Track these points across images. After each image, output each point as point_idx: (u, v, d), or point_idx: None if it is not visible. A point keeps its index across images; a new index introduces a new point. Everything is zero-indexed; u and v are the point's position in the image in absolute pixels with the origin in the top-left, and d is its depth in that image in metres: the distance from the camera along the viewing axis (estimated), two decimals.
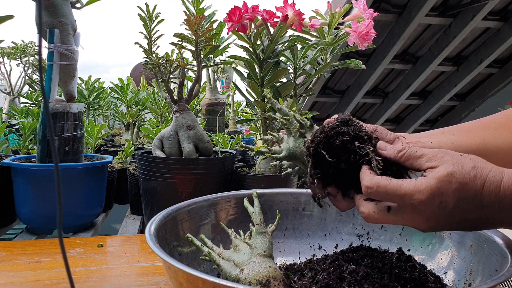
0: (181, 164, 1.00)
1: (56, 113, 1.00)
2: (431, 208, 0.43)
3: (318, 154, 0.49)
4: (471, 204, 0.43)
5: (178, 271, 0.44)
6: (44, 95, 0.33)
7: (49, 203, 0.97)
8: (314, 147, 0.49)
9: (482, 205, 0.42)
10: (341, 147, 0.48)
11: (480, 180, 0.42)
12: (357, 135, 0.48)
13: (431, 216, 0.43)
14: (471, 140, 0.58)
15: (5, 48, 2.18)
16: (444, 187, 0.42)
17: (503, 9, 3.16)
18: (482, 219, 0.44)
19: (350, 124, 0.50)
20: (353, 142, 0.48)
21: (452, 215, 0.43)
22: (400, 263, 0.53)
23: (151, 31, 1.05)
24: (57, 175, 0.34)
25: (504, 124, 0.58)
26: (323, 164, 0.50)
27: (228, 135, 1.43)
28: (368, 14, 0.93)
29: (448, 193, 0.42)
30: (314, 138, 0.50)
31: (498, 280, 0.42)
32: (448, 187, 0.42)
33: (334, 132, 0.49)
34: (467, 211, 0.43)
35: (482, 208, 0.43)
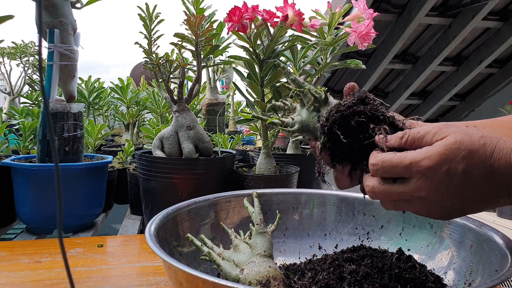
0: (181, 164, 1.00)
1: (56, 113, 1.00)
2: (439, 175, 0.42)
3: (332, 133, 0.48)
4: (481, 169, 0.41)
5: (178, 271, 0.44)
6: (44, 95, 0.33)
7: (49, 203, 0.97)
8: (329, 126, 0.48)
9: (491, 170, 0.41)
10: (356, 127, 0.47)
11: (490, 147, 0.42)
12: (374, 114, 0.47)
13: (439, 183, 0.42)
14: None
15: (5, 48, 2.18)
16: (452, 154, 0.41)
17: (503, 9, 3.16)
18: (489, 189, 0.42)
19: (367, 102, 0.49)
20: (369, 123, 0.47)
21: (461, 183, 0.42)
22: (400, 263, 0.53)
23: (151, 31, 1.05)
24: (57, 175, 0.34)
25: None
26: (335, 141, 0.49)
27: (228, 135, 1.43)
28: (368, 14, 0.93)
29: (456, 159, 0.41)
30: (329, 116, 0.49)
31: (498, 280, 0.42)
32: (457, 153, 0.41)
33: (350, 112, 0.48)
34: (476, 177, 0.41)
35: (492, 174, 0.41)
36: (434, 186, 0.42)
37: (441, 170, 0.41)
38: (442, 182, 0.42)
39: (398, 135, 0.46)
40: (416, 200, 0.44)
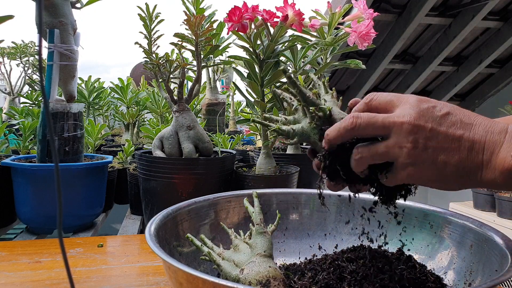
0: (181, 164, 1.00)
1: (56, 113, 1.00)
2: (426, 105, 0.44)
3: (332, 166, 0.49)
4: (464, 117, 0.44)
5: (178, 271, 0.44)
6: (44, 95, 0.33)
7: (49, 203, 0.97)
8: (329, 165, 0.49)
9: (473, 122, 0.43)
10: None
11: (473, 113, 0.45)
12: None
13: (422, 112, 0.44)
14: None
15: (5, 48, 2.18)
16: (442, 101, 0.45)
17: (503, 9, 3.16)
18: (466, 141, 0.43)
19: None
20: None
21: (441, 121, 0.43)
22: (400, 263, 0.53)
23: (151, 31, 1.05)
24: (57, 175, 0.34)
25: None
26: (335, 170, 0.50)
27: (228, 135, 1.43)
28: (368, 14, 0.93)
29: (445, 103, 0.45)
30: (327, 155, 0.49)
31: (498, 280, 0.42)
32: (446, 102, 0.45)
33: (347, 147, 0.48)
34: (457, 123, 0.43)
35: (472, 126, 0.43)
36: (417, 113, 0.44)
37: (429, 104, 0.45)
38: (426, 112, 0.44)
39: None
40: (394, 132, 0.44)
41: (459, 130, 0.43)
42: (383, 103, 0.47)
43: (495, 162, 0.42)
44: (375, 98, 0.48)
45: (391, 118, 0.44)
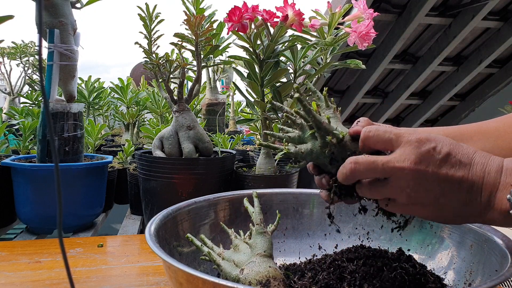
0: (181, 164, 1.00)
1: (56, 113, 1.00)
2: (426, 148, 0.44)
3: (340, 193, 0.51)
4: (463, 156, 0.44)
5: (178, 271, 0.44)
6: (44, 95, 0.33)
7: (49, 203, 0.97)
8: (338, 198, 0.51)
9: (472, 162, 0.43)
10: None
11: (472, 148, 0.45)
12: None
13: (423, 156, 0.43)
14: None
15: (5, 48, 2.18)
16: (441, 137, 0.45)
17: (503, 9, 3.16)
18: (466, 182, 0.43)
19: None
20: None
21: (442, 164, 0.43)
22: (400, 263, 0.53)
23: (151, 31, 1.05)
24: (57, 175, 0.34)
25: (505, 135, 0.59)
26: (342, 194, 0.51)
27: (228, 135, 1.43)
28: (368, 14, 0.93)
29: (444, 141, 0.44)
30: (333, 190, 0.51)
31: (498, 280, 0.42)
32: (445, 138, 0.45)
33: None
34: (457, 163, 0.43)
35: (471, 166, 0.43)
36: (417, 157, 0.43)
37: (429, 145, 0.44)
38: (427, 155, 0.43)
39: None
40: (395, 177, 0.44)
41: (458, 171, 0.43)
42: (381, 143, 0.46)
43: (493, 203, 0.43)
44: (371, 136, 0.46)
45: (391, 164, 0.44)
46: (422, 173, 0.43)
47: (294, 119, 0.53)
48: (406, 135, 0.45)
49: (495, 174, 0.43)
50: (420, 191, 0.44)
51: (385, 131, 0.46)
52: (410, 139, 0.44)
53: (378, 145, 0.47)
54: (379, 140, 0.46)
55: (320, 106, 0.54)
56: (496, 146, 0.58)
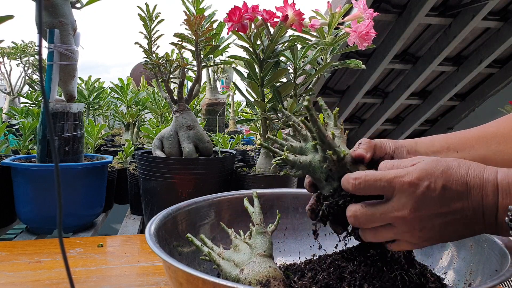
0: (181, 164, 1.00)
1: (56, 113, 1.00)
2: (421, 190, 0.43)
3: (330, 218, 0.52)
4: (458, 186, 0.43)
5: (178, 271, 0.44)
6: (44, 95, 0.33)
7: (49, 203, 0.97)
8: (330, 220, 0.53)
9: (468, 188, 0.43)
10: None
11: (465, 166, 0.44)
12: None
13: (420, 199, 0.43)
14: (473, 158, 0.58)
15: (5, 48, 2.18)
16: (431, 168, 0.44)
17: (503, 9, 3.16)
18: (467, 210, 0.44)
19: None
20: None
21: (441, 200, 0.43)
22: (400, 263, 0.53)
23: (151, 31, 1.05)
24: (57, 175, 0.34)
25: (506, 139, 0.58)
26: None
27: (228, 135, 1.43)
28: (368, 14, 0.93)
29: (436, 174, 0.43)
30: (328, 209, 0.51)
31: (498, 280, 0.42)
32: (436, 168, 0.44)
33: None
34: (455, 195, 0.43)
35: (468, 193, 0.43)
36: (416, 203, 0.44)
37: (423, 185, 0.43)
38: (423, 197, 0.43)
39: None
40: (398, 223, 0.45)
41: (458, 202, 0.43)
42: (374, 191, 0.46)
43: (496, 222, 0.44)
44: (362, 187, 0.46)
45: (390, 214, 0.45)
46: (424, 216, 0.44)
47: (299, 129, 0.52)
48: (397, 179, 0.44)
49: (492, 196, 0.43)
50: (425, 230, 0.45)
51: (375, 179, 0.45)
52: (403, 183, 0.44)
53: (371, 193, 0.46)
54: (372, 189, 0.46)
55: (328, 124, 0.54)
56: (499, 151, 0.58)
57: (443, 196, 0.43)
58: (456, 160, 0.45)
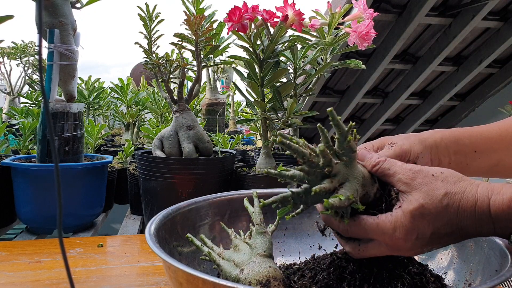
0: (181, 164, 1.00)
1: (56, 113, 1.00)
2: (411, 241, 0.44)
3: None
4: (447, 229, 0.44)
5: (178, 271, 0.44)
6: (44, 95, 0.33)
7: (49, 203, 0.97)
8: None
9: (459, 228, 0.44)
10: None
11: (453, 208, 0.43)
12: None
13: (411, 246, 0.45)
14: (486, 162, 0.59)
15: (5, 48, 2.18)
16: (418, 221, 0.43)
17: (503, 9, 3.16)
18: (460, 238, 0.45)
19: None
20: None
21: (431, 242, 0.44)
22: (400, 263, 0.53)
23: (151, 31, 1.05)
24: (57, 175, 0.34)
25: None
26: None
27: (228, 135, 1.43)
28: (368, 14, 0.93)
29: (423, 225, 0.43)
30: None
31: (498, 280, 0.42)
32: (422, 219, 0.43)
33: None
34: (445, 234, 0.44)
35: (460, 230, 0.44)
36: (406, 248, 0.45)
37: (412, 238, 0.44)
38: (414, 245, 0.44)
39: (371, 162, 0.48)
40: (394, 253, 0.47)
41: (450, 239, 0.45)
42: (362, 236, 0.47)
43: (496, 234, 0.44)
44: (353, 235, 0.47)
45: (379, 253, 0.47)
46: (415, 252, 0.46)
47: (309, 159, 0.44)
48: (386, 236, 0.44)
49: (487, 229, 0.43)
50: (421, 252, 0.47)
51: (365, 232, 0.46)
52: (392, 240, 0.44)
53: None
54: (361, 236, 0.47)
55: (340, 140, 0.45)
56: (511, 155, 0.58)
57: (431, 239, 0.44)
58: (446, 197, 0.43)
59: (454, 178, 0.45)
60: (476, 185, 0.44)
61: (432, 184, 0.44)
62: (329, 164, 0.44)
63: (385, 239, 0.45)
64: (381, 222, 0.44)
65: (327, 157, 0.44)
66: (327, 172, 0.44)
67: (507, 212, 0.41)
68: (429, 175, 0.45)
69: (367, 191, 0.47)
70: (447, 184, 0.44)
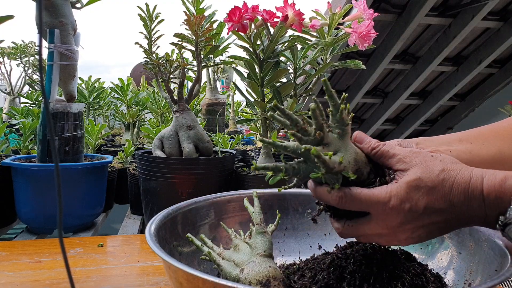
0: (181, 164, 1.00)
1: (56, 113, 1.00)
2: (403, 212, 0.44)
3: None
4: (441, 203, 0.44)
5: (178, 271, 0.44)
6: (44, 95, 0.33)
7: (49, 203, 0.97)
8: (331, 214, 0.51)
9: (451, 204, 0.44)
10: None
11: (448, 182, 0.44)
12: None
13: (403, 220, 0.45)
14: (488, 150, 0.58)
15: (5, 48, 2.18)
16: (413, 192, 0.44)
17: (503, 9, 3.16)
18: (450, 219, 0.45)
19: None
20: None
21: (422, 218, 0.44)
22: (400, 263, 0.53)
23: (151, 31, 1.05)
24: (57, 175, 0.34)
25: None
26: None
27: (228, 135, 1.43)
28: (368, 14, 0.93)
29: (417, 197, 0.44)
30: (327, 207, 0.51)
31: (498, 280, 0.42)
32: (417, 191, 0.44)
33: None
34: (437, 211, 0.44)
35: (452, 207, 0.44)
36: (398, 222, 0.45)
37: (405, 209, 0.44)
38: (405, 219, 0.45)
39: (371, 145, 0.49)
40: (384, 235, 0.47)
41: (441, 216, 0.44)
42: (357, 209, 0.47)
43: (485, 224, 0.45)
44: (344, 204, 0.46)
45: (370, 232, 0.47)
46: (404, 230, 0.45)
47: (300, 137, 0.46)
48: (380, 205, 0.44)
49: (478, 209, 0.44)
50: (405, 240, 0.47)
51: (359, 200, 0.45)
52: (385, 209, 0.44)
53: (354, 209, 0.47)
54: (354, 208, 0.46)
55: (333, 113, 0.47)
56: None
57: (424, 214, 0.44)
58: (443, 173, 0.44)
59: (452, 159, 0.46)
60: (472, 168, 0.45)
61: (430, 162, 0.45)
62: (321, 128, 0.45)
63: (378, 209, 0.45)
64: (376, 191, 0.45)
65: (319, 120, 0.44)
66: (319, 137, 0.45)
67: (498, 191, 0.43)
68: (428, 155, 0.46)
69: (359, 167, 0.47)
70: (445, 163, 0.45)
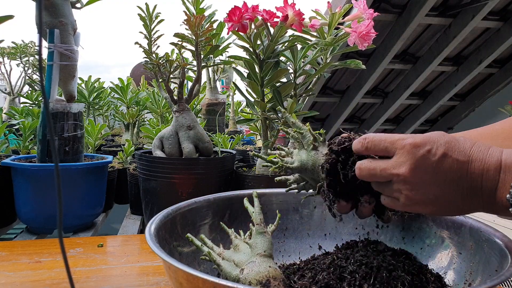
0: (181, 164, 1.00)
1: (56, 113, 1.00)
2: (421, 152, 0.45)
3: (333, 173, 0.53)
4: (460, 155, 0.44)
5: (178, 271, 0.44)
6: (44, 95, 0.33)
7: (49, 203, 0.97)
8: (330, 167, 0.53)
9: (470, 160, 0.44)
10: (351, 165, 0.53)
11: (470, 142, 0.45)
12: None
13: (419, 161, 0.45)
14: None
15: (5, 48, 2.18)
16: (435, 138, 0.45)
17: (503, 9, 3.16)
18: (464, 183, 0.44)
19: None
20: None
21: (438, 167, 0.44)
22: (400, 263, 0.53)
23: (151, 31, 1.05)
24: (57, 175, 0.34)
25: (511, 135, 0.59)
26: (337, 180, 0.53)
27: (228, 135, 1.43)
28: (368, 14, 0.93)
29: (439, 142, 0.45)
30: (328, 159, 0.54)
31: (498, 280, 0.42)
32: (440, 138, 0.45)
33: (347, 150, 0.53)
34: (452, 166, 0.44)
35: (470, 163, 0.44)
36: (413, 164, 0.45)
37: (424, 148, 0.45)
38: (422, 159, 0.45)
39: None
40: (397, 182, 0.47)
41: (456, 173, 0.44)
42: (379, 151, 0.48)
43: (494, 199, 0.44)
44: (369, 147, 0.49)
45: (388, 171, 0.47)
46: (420, 178, 0.45)
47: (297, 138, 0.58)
48: (399, 141, 0.46)
49: (494, 171, 0.43)
50: (418, 193, 0.45)
51: (381, 139, 0.48)
52: (404, 144, 0.46)
53: (377, 153, 0.49)
54: (377, 149, 0.48)
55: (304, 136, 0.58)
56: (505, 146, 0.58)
57: (441, 163, 0.44)
58: (463, 136, 0.46)
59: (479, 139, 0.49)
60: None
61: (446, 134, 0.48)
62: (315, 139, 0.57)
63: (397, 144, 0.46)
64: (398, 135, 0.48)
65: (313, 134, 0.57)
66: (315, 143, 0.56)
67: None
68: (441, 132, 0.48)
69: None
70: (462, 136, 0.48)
